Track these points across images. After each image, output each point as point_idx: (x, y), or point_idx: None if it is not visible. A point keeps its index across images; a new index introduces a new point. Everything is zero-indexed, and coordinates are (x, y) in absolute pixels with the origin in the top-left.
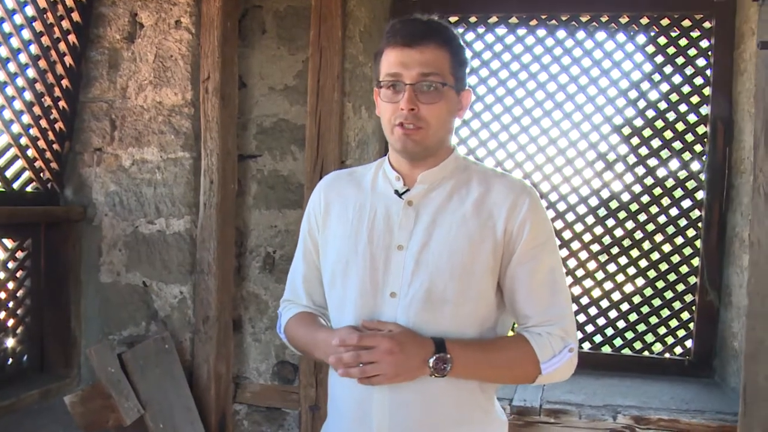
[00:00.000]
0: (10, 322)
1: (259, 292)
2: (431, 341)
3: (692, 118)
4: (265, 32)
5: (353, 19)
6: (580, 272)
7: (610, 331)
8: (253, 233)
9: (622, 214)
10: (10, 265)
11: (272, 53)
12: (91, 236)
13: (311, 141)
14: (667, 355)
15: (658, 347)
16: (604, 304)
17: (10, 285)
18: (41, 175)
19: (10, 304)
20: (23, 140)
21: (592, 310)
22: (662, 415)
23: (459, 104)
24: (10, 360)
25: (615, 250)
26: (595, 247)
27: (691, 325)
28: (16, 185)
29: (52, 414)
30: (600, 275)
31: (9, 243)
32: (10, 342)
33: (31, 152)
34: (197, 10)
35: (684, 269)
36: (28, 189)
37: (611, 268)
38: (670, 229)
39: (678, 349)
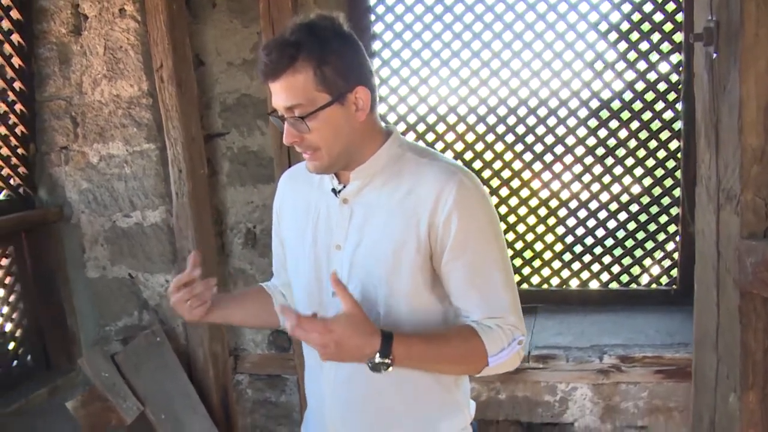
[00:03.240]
0: (8, 327)
1: (244, 267)
2: (378, 340)
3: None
4: (216, 5)
5: None
6: (562, 212)
7: (596, 267)
8: (231, 211)
9: (600, 151)
10: None
11: (225, 27)
12: (72, 235)
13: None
14: (654, 286)
15: (645, 279)
16: (589, 240)
17: (1, 292)
18: (11, 181)
19: (5, 310)
20: None
21: (578, 248)
22: (647, 353)
23: (351, 108)
24: (15, 362)
25: (596, 187)
26: (576, 186)
27: (676, 255)
28: None
29: (61, 412)
30: (582, 213)
31: None
32: (11, 345)
33: None
34: None
35: (666, 200)
36: (1, 197)
37: (593, 205)
38: (650, 162)
39: (665, 279)
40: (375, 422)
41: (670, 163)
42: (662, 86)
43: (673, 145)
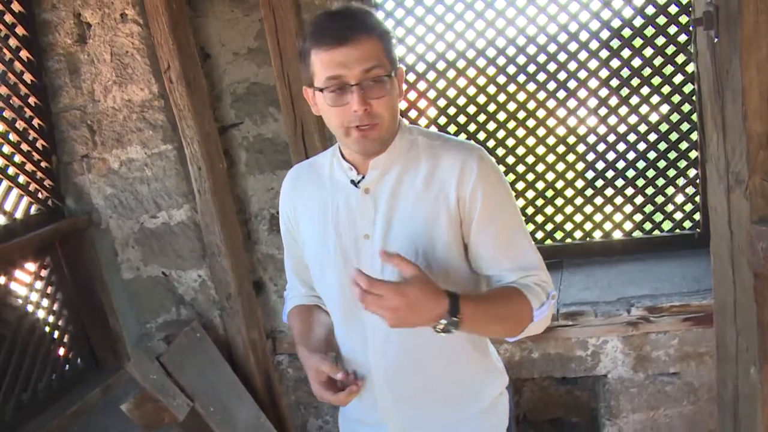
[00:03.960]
0: (56, 334)
1: (272, 252)
2: (447, 301)
3: None
4: None
5: None
6: (579, 165)
7: (618, 217)
8: (253, 199)
9: (613, 101)
10: (39, 285)
11: (227, 18)
12: (103, 239)
13: (285, 104)
14: (677, 231)
15: (668, 225)
16: (609, 191)
17: (45, 302)
18: (39, 195)
19: (51, 318)
20: (11, 170)
21: (598, 200)
22: (674, 301)
23: (398, 87)
24: (67, 366)
25: (611, 138)
26: (592, 138)
27: (698, 199)
28: (18, 214)
29: (114, 411)
30: (600, 165)
31: (31, 266)
32: (61, 351)
33: (23, 178)
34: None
35: (684, 145)
36: (32, 211)
37: (610, 156)
38: (665, 108)
39: (687, 224)
40: (422, 389)
41: (687, 88)
42: (673, 9)
43: (690, 68)
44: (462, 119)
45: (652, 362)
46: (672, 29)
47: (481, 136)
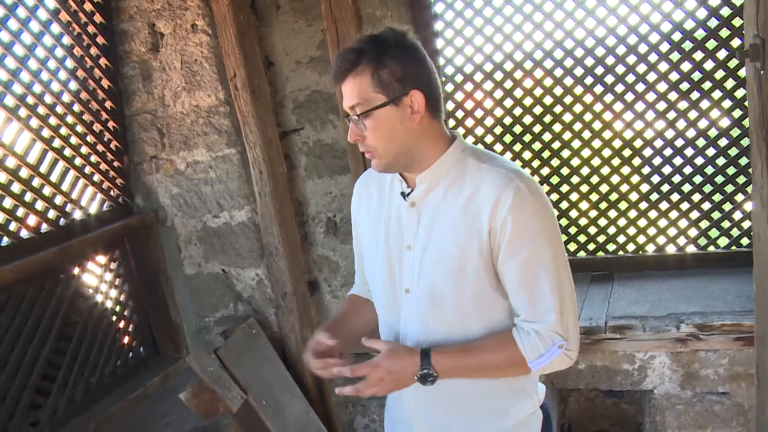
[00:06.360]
0: (122, 323)
1: (328, 254)
2: (418, 357)
3: None
4: (280, 7)
5: None
6: (635, 178)
7: (673, 231)
8: (311, 202)
9: (671, 114)
10: (108, 277)
11: (291, 27)
12: (168, 236)
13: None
14: (733, 248)
15: (724, 241)
16: (664, 205)
17: (113, 293)
18: (111, 193)
19: (117, 309)
20: (87, 169)
21: (652, 213)
22: (725, 320)
23: (407, 110)
24: (131, 354)
25: (668, 152)
26: (648, 152)
27: None
28: (92, 210)
29: (173, 398)
30: (656, 178)
31: (102, 258)
32: (126, 339)
33: (97, 177)
34: (209, 11)
35: (744, 161)
36: (105, 208)
37: (666, 169)
38: (725, 122)
39: (745, 240)
40: (449, 405)
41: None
42: None
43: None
44: (528, 119)
45: (701, 380)
46: (727, 103)
47: (547, 136)
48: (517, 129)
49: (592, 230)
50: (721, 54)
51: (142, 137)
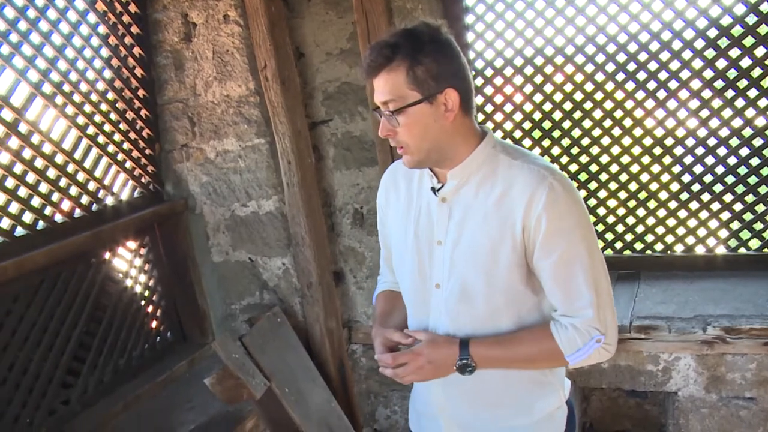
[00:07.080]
0: (150, 308)
1: (354, 245)
2: (457, 347)
3: None
4: None
5: None
6: (665, 177)
7: (702, 231)
8: (339, 193)
9: (704, 113)
10: (138, 262)
11: (322, 19)
12: (197, 224)
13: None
14: (765, 250)
15: (755, 243)
16: (694, 205)
17: (142, 278)
18: (142, 180)
19: (146, 293)
20: (120, 156)
21: (682, 213)
22: (754, 324)
23: (441, 108)
24: (158, 338)
25: (700, 151)
26: (679, 150)
27: None
28: (124, 196)
29: (198, 382)
30: (687, 177)
31: (132, 244)
32: (154, 324)
33: (129, 164)
34: (241, 2)
35: None
36: (136, 194)
37: (697, 169)
38: (761, 122)
39: None
40: (477, 398)
41: None
42: None
43: None
44: (558, 115)
45: (727, 384)
46: (764, 103)
47: (576, 132)
48: (547, 125)
49: (620, 228)
50: (759, 51)
51: (174, 126)
